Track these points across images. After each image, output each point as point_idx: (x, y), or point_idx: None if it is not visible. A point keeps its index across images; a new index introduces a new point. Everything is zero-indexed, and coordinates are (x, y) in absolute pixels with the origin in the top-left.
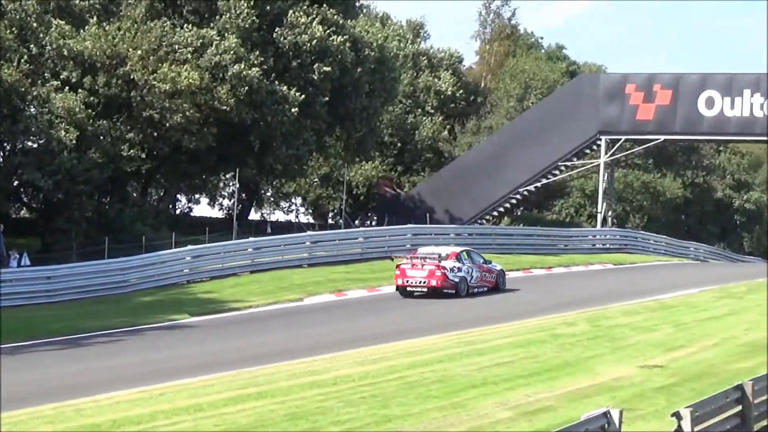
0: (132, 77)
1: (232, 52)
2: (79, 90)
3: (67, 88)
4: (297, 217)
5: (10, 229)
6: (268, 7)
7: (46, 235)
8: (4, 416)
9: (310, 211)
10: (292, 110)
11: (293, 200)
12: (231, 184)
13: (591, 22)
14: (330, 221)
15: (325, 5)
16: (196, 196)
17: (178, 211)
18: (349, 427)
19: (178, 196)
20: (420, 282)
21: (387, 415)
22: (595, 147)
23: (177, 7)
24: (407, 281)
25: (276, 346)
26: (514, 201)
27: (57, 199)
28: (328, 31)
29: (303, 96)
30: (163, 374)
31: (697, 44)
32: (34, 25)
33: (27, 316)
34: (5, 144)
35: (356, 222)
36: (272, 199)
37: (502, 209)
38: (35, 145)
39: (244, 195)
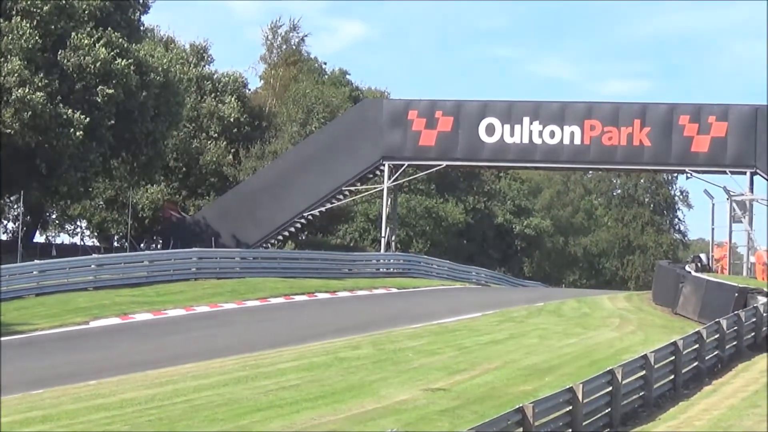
0: None
1: (16, 75)
2: None
3: None
4: (82, 240)
5: None
6: (52, 27)
7: None
8: None
9: (96, 234)
10: (77, 133)
11: (78, 223)
12: (16, 206)
13: (374, 48)
14: (115, 244)
15: (109, 28)
16: None
17: None
18: None
19: None
20: None
21: None
22: (378, 172)
23: None
24: None
25: (62, 369)
26: (299, 225)
27: None
28: (112, 53)
29: (88, 119)
30: None
31: (477, 73)
32: None
33: None
34: None
35: (141, 245)
36: (57, 222)
37: (287, 233)
38: None
39: (28, 218)
